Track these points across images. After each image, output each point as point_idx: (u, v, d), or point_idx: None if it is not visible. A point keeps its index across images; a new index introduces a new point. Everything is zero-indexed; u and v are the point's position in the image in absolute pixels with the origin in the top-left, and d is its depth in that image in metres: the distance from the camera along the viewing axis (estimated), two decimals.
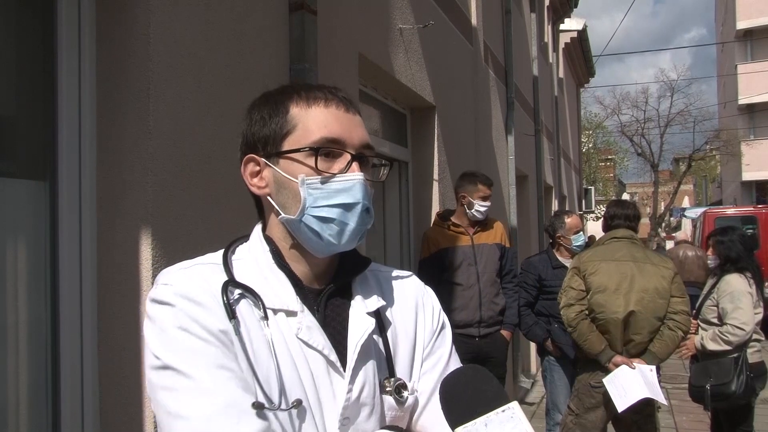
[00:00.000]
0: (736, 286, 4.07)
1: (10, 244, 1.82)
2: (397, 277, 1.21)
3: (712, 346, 4.06)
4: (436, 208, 4.80)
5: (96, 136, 1.98)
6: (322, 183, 1.04)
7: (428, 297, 1.21)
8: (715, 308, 4.16)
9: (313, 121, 1.05)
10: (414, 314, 1.17)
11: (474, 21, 6.26)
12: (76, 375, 1.90)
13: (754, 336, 4.09)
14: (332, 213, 1.03)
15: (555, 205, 12.24)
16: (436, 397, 1.11)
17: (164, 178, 1.99)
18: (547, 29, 12.43)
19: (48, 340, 1.88)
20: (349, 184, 1.04)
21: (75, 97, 1.94)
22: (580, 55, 16.68)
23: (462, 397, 0.99)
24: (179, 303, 0.97)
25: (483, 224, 4.31)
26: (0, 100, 1.85)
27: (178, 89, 2.08)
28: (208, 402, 0.91)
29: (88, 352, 1.93)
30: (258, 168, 1.09)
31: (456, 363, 1.17)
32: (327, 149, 1.04)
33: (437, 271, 4.20)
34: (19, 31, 1.88)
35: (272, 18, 2.70)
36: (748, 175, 27.67)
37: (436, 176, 4.93)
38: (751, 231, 11.93)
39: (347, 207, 1.04)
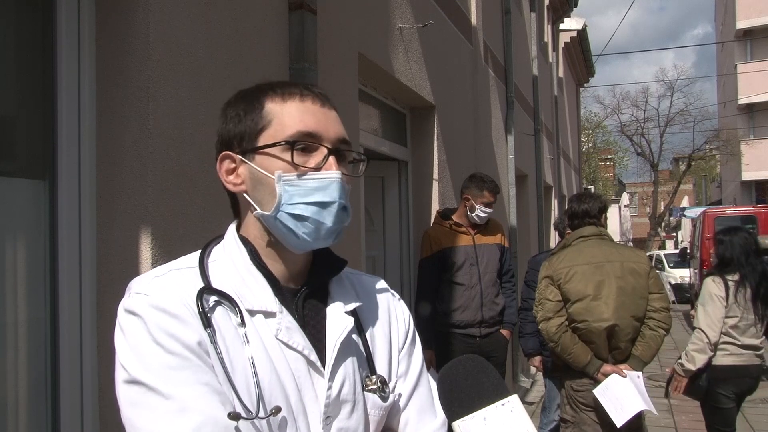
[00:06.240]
0: (707, 290, 4.00)
1: (9, 244, 1.81)
2: (369, 281, 1.22)
3: (688, 366, 3.92)
4: (435, 208, 4.80)
5: (95, 136, 1.97)
6: (299, 178, 1.02)
7: (399, 302, 1.22)
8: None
9: (288, 115, 1.05)
10: (387, 316, 1.17)
11: (474, 20, 6.26)
12: (76, 375, 1.90)
13: (726, 339, 3.97)
14: (307, 211, 1.02)
15: (555, 205, 12.24)
16: (413, 402, 1.13)
17: (164, 178, 1.99)
18: (547, 29, 12.43)
19: (48, 340, 1.87)
20: (326, 182, 1.03)
21: (74, 96, 1.93)
22: (580, 55, 16.68)
23: (461, 389, 0.97)
24: (153, 315, 0.94)
25: (484, 224, 4.34)
26: (0, 100, 1.85)
27: (177, 89, 2.07)
28: (186, 421, 0.89)
29: (87, 352, 1.92)
30: (234, 165, 1.08)
31: (426, 372, 1.18)
32: (303, 143, 1.03)
33: (438, 271, 4.21)
34: (19, 31, 1.87)
35: (272, 17, 2.70)
36: (747, 175, 27.66)
37: (435, 175, 4.93)
38: (750, 231, 11.91)
39: (323, 205, 1.02)
